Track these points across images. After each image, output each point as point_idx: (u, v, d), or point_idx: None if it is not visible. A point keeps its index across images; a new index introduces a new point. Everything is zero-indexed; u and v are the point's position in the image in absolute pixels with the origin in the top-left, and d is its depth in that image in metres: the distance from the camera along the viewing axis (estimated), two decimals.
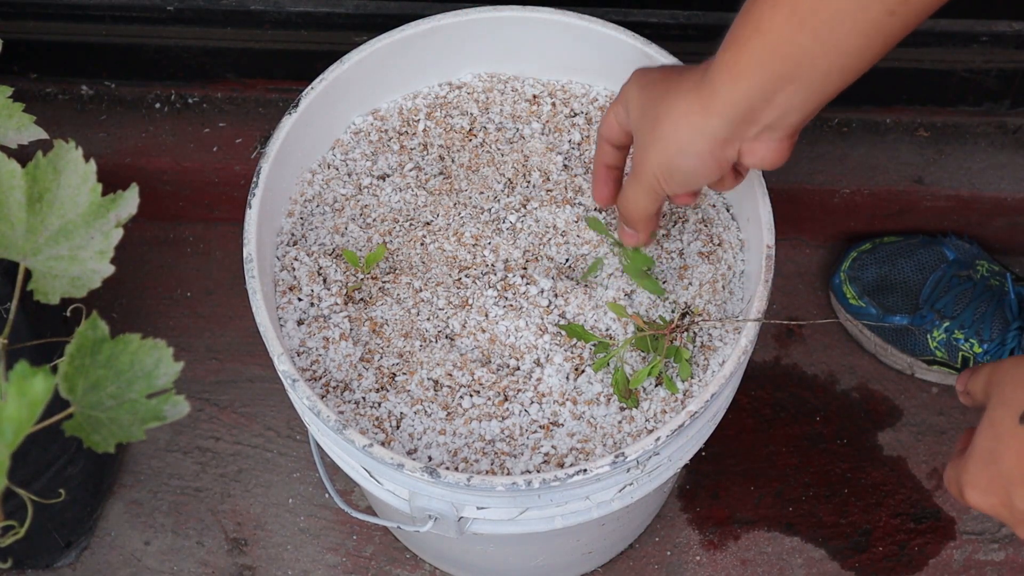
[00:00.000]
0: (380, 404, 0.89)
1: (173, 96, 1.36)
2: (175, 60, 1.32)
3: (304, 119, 0.95)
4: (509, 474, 0.86)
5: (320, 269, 0.94)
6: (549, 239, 0.95)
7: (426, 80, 1.02)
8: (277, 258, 0.95)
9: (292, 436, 1.30)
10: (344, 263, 0.94)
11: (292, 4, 1.25)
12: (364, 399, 0.89)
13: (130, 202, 0.63)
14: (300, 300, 0.92)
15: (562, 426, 0.88)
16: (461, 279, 0.94)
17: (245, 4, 1.26)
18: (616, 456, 0.81)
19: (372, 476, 0.88)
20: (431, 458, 0.87)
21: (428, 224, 0.96)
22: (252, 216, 0.90)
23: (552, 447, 0.87)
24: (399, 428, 0.88)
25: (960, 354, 1.25)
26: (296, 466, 1.29)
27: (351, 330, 0.92)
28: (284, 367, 0.85)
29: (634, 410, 0.89)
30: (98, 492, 1.24)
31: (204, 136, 1.34)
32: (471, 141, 1.00)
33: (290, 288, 0.93)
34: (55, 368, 0.55)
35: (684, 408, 0.84)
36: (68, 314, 0.79)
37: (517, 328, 0.91)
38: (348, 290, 0.93)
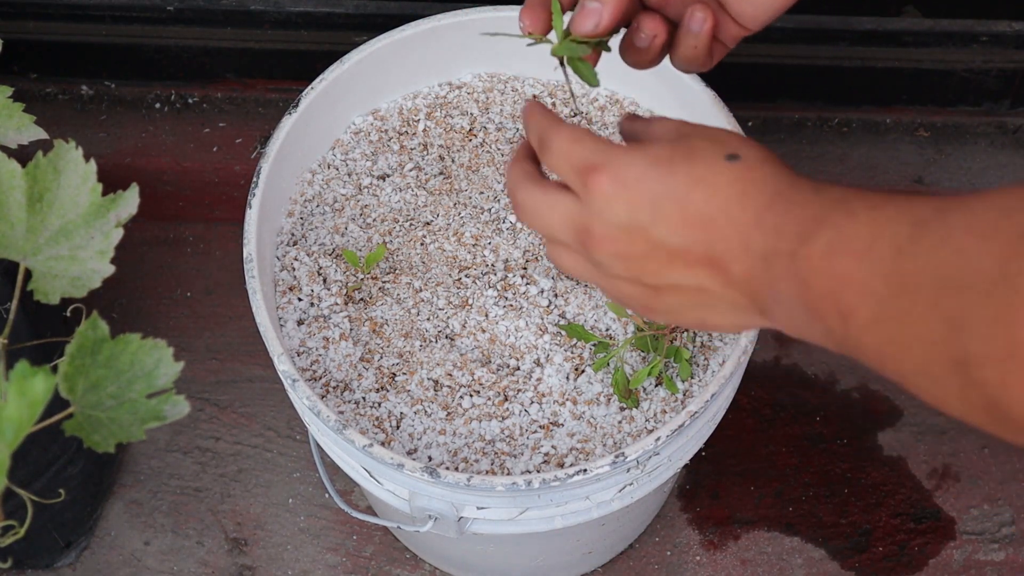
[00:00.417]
0: (380, 404, 0.89)
1: (173, 96, 1.36)
2: (175, 60, 1.32)
3: (304, 119, 0.95)
4: (509, 474, 0.86)
5: (320, 269, 0.94)
6: None
7: (426, 80, 1.02)
8: (277, 258, 0.95)
9: (292, 436, 1.30)
10: (344, 263, 0.94)
11: (292, 4, 1.25)
12: (364, 399, 0.89)
13: (130, 202, 0.63)
14: (300, 300, 0.92)
15: (562, 426, 0.88)
16: (461, 279, 0.94)
17: (245, 4, 1.26)
18: (616, 456, 0.81)
19: (372, 476, 0.88)
20: (431, 458, 0.87)
21: (428, 224, 0.96)
22: (252, 216, 0.90)
23: (552, 447, 0.87)
24: (399, 428, 0.88)
25: None
26: (296, 466, 1.29)
27: (351, 330, 0.91)
28: (284, 367, 0.85)
29: (634, 410, 0.88)
30: (98, 492, 1.24)
31: (204, 136, 1.34)
32: (471, 141, 1.00)
33: (290, 288, 0.93)
34: (55, 368, 0.55)
35: (684, 408, 0.84)
36: (68, 314, 0.79)
37: (517, 328, 0.91)
38: (348, 290, 0.93)
